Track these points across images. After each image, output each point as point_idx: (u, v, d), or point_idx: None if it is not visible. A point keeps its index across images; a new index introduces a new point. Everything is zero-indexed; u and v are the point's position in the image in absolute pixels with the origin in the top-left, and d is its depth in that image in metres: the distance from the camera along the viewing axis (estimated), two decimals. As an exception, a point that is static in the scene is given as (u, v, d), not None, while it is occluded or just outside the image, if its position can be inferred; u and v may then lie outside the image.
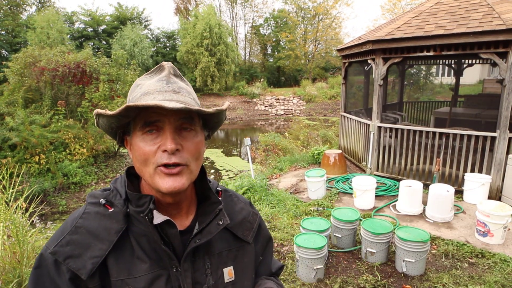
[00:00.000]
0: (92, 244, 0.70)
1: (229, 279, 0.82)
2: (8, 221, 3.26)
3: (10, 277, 2.94)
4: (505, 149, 4.52)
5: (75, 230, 0.71)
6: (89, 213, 0.73)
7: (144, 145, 0.71)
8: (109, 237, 0.71)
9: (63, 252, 0.69)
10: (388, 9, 29.06)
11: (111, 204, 0.75)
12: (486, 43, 4.38)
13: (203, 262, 0.79)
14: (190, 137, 0.73)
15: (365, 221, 3.45)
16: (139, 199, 0.73)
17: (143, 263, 0.72)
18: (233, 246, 0.85)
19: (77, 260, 0.69)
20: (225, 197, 0.90)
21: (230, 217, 0.84)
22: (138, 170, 0.75)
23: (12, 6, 25.69)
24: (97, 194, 0.77)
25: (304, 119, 20.16)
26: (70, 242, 0.70)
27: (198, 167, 0.77)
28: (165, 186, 0.70)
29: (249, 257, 0.88)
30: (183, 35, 25.58)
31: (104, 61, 10.76)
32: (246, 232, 0.88)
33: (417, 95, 16.99)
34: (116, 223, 0.72)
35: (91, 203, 0.75)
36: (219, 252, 0.82)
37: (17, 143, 8.50)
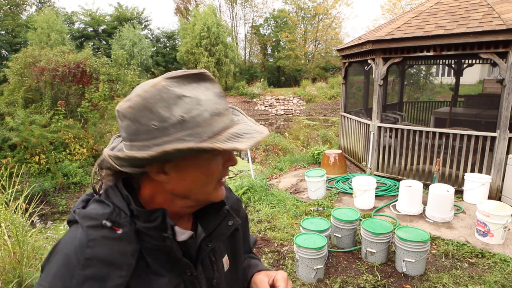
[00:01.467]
0: (110, 274, 0.62)
1: (226, 267, 0.84)
2: (8, 221, 3.26)
3: (10, 277, 2.95)
4: (505, 149, 4.52)
5: (86, 263, 0.61)
6: (95, 240, 0.62)
7: (215, 164, 0.67)
8: (127, 261, 0.64)
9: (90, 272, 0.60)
10: (388, 9, 29.09)
11: (118, 224, 0.65)
12: (486, 43, 4.38)
13: (210, 260, 0.79)
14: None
15: (365, 221, 3.45)
16: (150, 215, 0.66)
17: (162, 277, 0.69)
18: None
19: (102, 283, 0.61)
20: None
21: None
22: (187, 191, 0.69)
23: (12, 6, 25.70)
24: (93, 215, 0.65)
25: (304, 119, 20.17)
26: (87, 278, 0.60)
27: None
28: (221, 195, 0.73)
29: (239, 242, 0.90)
30: (183, 35, 25.61)
31: (104, 61, 10.77)
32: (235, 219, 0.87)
33: (417, 95, 16.99)
34: (129, 245, 0.65)
35: (92, 227, 0.63)
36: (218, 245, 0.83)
37: (17, 143, 8.51)
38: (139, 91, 0.61)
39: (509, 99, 4.36)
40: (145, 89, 0.61)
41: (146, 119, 0.60)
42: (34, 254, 3.54)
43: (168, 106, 0.60)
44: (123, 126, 0.64)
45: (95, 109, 10.31)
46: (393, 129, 5.54)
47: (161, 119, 0.60)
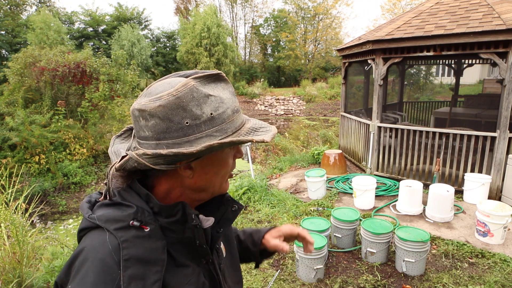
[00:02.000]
0: (147, 271, 0.64)
1: (225, 254, 0.89)
2: (8, 221, 3.26)
3: (10, 277, 2.95)
4: (505, 149, 4.52)
5: (126, 264, 0.61)
6: (127, 241, 0.63)
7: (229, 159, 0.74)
8: (160, 256, 0.66)
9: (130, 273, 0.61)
10: (388, 9, 29.09)
11: (145, 223, 0.67)
12: (486, 43, 4.38)
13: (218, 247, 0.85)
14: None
15: (365, 221, 3.45)
16: (172, 209, 0.69)
17: (186, 268, 0.72)
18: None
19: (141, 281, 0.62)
20: None
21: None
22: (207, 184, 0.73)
23: (12, 6, 25.70)
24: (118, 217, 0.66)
25: (304, 119, 20.17)
26: (131, 278, 0.61)
27: None
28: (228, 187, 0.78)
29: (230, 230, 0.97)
30: (183, 35, 25.61)
31: (104, 61, 10.76)
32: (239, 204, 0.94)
33: (417, 95, 16.99)
34: (158, 241, 0.67)
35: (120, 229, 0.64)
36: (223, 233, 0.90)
37: (17, 143, 8.51)
38: (171, 90, 0.63)
39: (509, 99, 4.36)
40: (177, 88, 0.63)
41: (179, 117, 0.63)
42: (34, 254, 3.54)
43: (199, 105, 0.64)
44: (149, 125, 0.64)
45: (95, 109, 10.30)
46: (393, 129, 5.54)
47: (194, 117, 0.63)
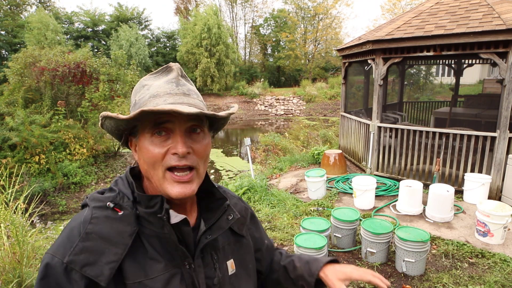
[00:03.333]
0: (106, 249, 0.68)
1: (231, 271, 0.85)
2: (8, 221, 3.26)
3: (10, 277, 2.94)
4: (505, 149, 4.52)
5: (86, 236, 0.68)
6: (98, 218, 0.70)
7: (153, 148, 0.70)
8: (124, 240, 0.69)
9: (79, 261, 0.66)
10: (388, 9, 29.07)
11: (120, 207, 0.72)
12: (486, 43, 4.38)
13: (211, 257, 0.81)
14: (199, 140, 0.73)
15: (365, 221, 3.45)
16: (150, 200, 0.72)
17: (158, 263, 0.72)
18: (231, 240, 0.89)
19: (94, 267, 0.66)
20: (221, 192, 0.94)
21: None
22: (146, 173, 0.75)
23: (12, 6, 25.70)
24: (101, 198, 0.74)
25: (304, 119, 20.17)
26: (84, 250, 0.67)
27: (205, 170, 0.78)
28: (174, 192, 0.71)
29: (245, 249, 0.92)
30: (183, 35, 25.59)
31: (104, 61, 10.76)
32: (240, 226, 0.92)
33: (417, 95, 16.99)
34: (128, 226, 0.71)
35: (97, 207, 0.72)
36: (222, 246, 0.85)
37: (17, 143, 8.50)
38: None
39: (509, 99, 4.36)
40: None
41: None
42: (34, 254, 3.53)
43: (134, 94, 0.77)
44: None
45: (95, 109, 10.30)
46: (393, 129, 5.54)
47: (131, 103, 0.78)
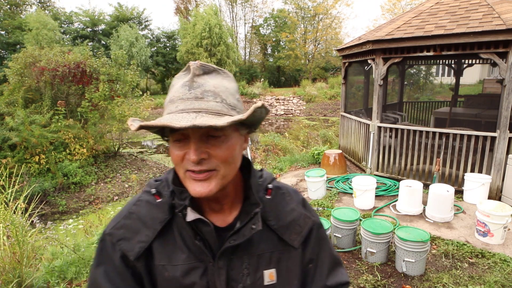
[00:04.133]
0: (141, 230, 0.77)
1: (269, 281, 0.80)
2: (8, 222, 3.26)
3: (10, 277, 2.94)
4: (505, 149, 4.52)
5: (128, 215, 0.79)
6: (141, 201, 0.80)
7: (174, 151, 0.72)
8: (154, 225, 0.77)
9: (117, 235, 0.77)
10: (388, 9, 29.09)
11: (160, 194, 0.79)
12: (486, 43, 4.38)
13: (241, 262, 0.78)
14: (218, 143, 0.69)
15: (365, 221, 3.45)
16: (181, 193, 0.76)
17: (182, 253, 0.77)
18: (278, 249, 0.82)
19: (127, 243, 0.76)
20: (275, 196, 0.85)
21: (278, 217, 0.82)
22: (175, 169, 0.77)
23: (12, 6, 25.70)
24: (152, 184, 0.82)
25: (304, 119, 20.17)
26: (124, 226, 0.78)
27: (233, 170, 0.74)
28: (192, 191, 0.71)
29: (294, 262, 0.84)
30: (183, 35, 25.59)
31: (104, 61, 10.76)
32: (294, 235, 0.83)
33: (417, 95, 16.99)
34: (162, 213, 0.77)
35: (145, 192, 0.81)
36: (261, 253, 0.80)
37: (17, 143, 8.50)
38: None
39: (509, 99, 4.36)
40: None
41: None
42: (34, 254, 3.53)
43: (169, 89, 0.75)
44: None
45: (95, 109, 10.29)
46: (393, 129, 5.54)
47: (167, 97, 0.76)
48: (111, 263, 0.77)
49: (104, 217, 6.48)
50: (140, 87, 22.64)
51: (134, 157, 11.93)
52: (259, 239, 0.79)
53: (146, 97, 12.00)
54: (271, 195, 0.83)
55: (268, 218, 0.81)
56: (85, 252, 3.68)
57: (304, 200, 0.90)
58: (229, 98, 0.71)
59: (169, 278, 0.77)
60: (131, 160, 11.53)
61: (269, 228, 0.81)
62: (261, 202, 0.78)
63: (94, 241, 4.05)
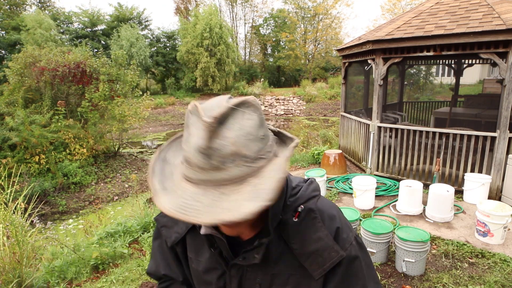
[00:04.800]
0: (179, 222, 0.89)
1: None
2: (8, 222, 3.26)
3: (10, 277, 2.94)
4: (505, 149, 4.52)
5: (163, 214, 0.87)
6: None
7: None
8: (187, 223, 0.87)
9: (161, 221, 0.94)
10: (388, 9, 29.08)
11: None
12: (486, 43, 4.38)
13: (255, 276, 0.81)
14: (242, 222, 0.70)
15: (365, 221, 3.45)
16: None
17: (206, 252, 0.85)
18: (298, 273, 0.79)
19: (167, 230, 0.92)
20: (304, 219, 0.78)
21: (302, 243, 0.77)
22: None
23: (12, 6, 25.69)
24: None
25: (304, 119, 20.17)
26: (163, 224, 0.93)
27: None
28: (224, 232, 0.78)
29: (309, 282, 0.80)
30: (183, 35, 25.57)
31: (104, 61, 10.75)
32: (314, 266, 0.77)
33: (417, 95, 16.99)
34: None
35: None
36: (277, 273, 0.79)
37: (17, 143, 8.50)
38: None
39: (509, 99, 4.36)
40: None
41: None
42: (34, 254, 3.53)
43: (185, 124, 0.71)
44: None
45: (95, 109, 10.29)
46: (393, 129, 5.54)
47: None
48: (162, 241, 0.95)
49: (104, 217, 6.48)
50: (140, 87, 22.64)
51: (134, 157, 11.93)
52: (278, 259, 0.78)
53: (146, 97, 12.01)
54: (299, 217, 0.77)
55: (291, 241, 0.77)
56: (85, 252, 3.68)
57: (339, 230, 0.79)
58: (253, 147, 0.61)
59: (194, 269, 0.90)
60: (131, 160, 11.53)
61: (291, 251, 0.77)
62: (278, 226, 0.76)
63: (94, 241, 4.05)
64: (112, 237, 4.20)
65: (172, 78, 26.77)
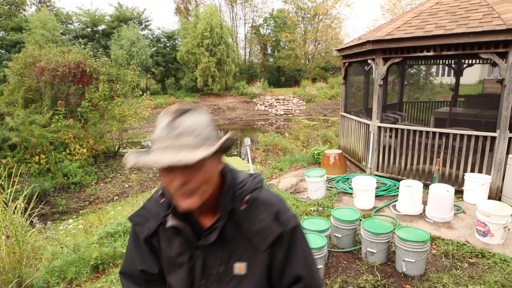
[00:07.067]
0: (149, 219, 1.05)
1: (238, 272, 1.00)
2: (7, 221, 3.26)
3: (10, 277, 2.94)
4: (505, 149, 4.52)
5: (144, 207, 1.08)
6: (152, 200, 1.07)
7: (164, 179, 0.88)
8: (158, 218, 1.03)
9: (134, 220, 1.08)
10: (388, 9, 29.07)
11: (163, 196, 1.04)
12: (486, 43, 4.37)
13: (216, 254, 0.99)
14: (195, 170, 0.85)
15: (365, 221, 3.45)
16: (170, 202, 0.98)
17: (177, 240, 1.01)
18: (249, 248, 0.99)
19: (140, 227, 1.06)
20: (250, 206, 0.98)
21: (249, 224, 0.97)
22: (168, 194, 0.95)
23: (12, 6, 25.67)
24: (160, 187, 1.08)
25: (304, 119, 20.16)
26: (139, 215, 1.08)
27: (210, 187, 0.91)
28: (181, 206, 0.88)
29: (260, 262, 1.00)
30: (183, 35, 25.56)
31: (104, 61, 10.75)
32: (261, 240, 0.97)
33: (417, 95, 16.99)
34: (162, 210, 1.02)
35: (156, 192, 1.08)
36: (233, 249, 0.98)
37: (17, 143, 8.50)
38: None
39: (509, 99, 4.36)
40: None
41: None
42: (34, 254, 3.53)
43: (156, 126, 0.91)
44: None
45: (95, 109, 10.29)
46: (393, 129, 5.54)
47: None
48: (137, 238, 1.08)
49: (104, 217, 6.48)
50: (140, 87, 22.63)
51: (134, 157, 11.91)
52: (232, 239, 0.98)
53: (146, 97, 12.00)
54: (246, 204, 0.98)
55: (242, 223, 0.97)
56: (85, 252, 3.68)
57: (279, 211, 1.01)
58: (203, 131, 0.87)
59: (166, 257, 1.04)
60: (131, 160, 11.51)
61: (242, 232, 0.97)
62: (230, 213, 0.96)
63: (94, 241, 4.05)
64: (112, 237, 4.20)
65: (172, 78, 26.76)
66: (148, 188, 9.38)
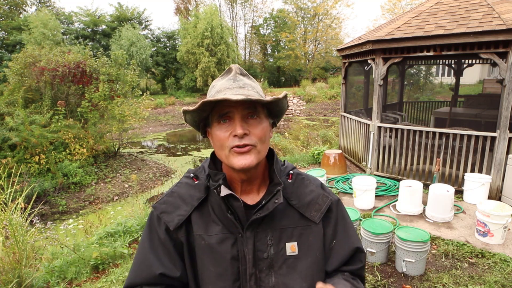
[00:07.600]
0: (180, 205, 0.94)
1: (291, 253, 0.93)
2: (7, 221, 3.25)
3: (10, 277, 2.94)
4: (505, 149, 4.52)
5: (171, 193, 0.97)
6: (181, 183, 0.98)
7: (220, 133, 0.87)
8: (192, 202, 0.94)
9: (159, 208, 0.95)
10: (388, 9, 29.07)
11: (197, 177, 0.97)
12: (486, 43, 4.37)
13: (266, 234, 0.91)
14: (255, 124, 0.87)
15: (365, 221, 3.45)
16: (215, 175, 0.93)
17: (216, 225, 0.92)
18: (299, 224, 0.94)
19: (168, 215, 0.94)
20: (295, 180, 0.99)
21: (299, 198, 0.95)
22: (217, 154, 0.92)
23: (12, 6, 25.68)
24: (190, 170, 1.01)
25: (304, 119, 20.16)
26: (166, 202, 0.96)
27: (265, 149, 0.90)
28: (237, 163, 0.85)
29: (315, 236, 0.95)
30: (183, 35, 25.57)
31: (104, 61, 10.75)
32: (314, 212, 0.95)
33: (417, 95, 16.99)
34: (198, 192, 0.94)
35: (185, 176, 1.00)
36: (283, 227, 0.93)
37: (17, 143, 8.50)
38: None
39: (509, 99, 4.36)
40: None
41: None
42: (34, 254, 3.53)
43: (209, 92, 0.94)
44: None
45: (95, 109, 10.28)
46: (393, 129, 5.54)
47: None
48: (157, 234, 0.95)
49: (104, 217, 6.47)
50: (140, 87, 22.63)
51: (134, 157, 11.92)
52: (282, 216, 0.93)
53: (146, 97, 12.00)
54: (292, 179, 0.98)
55: (290, 198, 0.95)
56: (85, 252, 3.68)
57: (322, 184, 1.03)
58: (261, 92, 0.92)
59: (205, 246, 0.92)
60: (131, 160, 11.52)
61: (291, 207, 0.94)
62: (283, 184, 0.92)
63: (94, 241, 4.05)
64: (112, 237, 4.20)
65: (172, 78, 26.76)
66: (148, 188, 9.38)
